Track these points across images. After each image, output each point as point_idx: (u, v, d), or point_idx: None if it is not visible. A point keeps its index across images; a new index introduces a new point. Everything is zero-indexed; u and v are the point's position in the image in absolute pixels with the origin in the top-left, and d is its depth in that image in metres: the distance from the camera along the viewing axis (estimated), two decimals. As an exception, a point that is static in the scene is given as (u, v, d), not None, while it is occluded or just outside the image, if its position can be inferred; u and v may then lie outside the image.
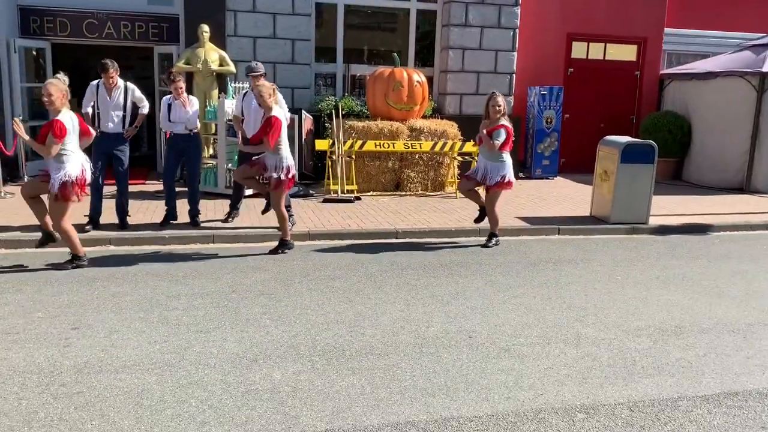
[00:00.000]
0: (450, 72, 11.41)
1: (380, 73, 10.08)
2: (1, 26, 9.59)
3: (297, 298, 5.28)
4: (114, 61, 7.16)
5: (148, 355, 4.10)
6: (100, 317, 4.72)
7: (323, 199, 9.20)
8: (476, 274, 6.20)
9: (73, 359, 4.00)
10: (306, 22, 10.79)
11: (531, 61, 12.17)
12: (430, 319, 4.91)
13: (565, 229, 8.09)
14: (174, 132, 7.47)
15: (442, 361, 4.15)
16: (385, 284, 5.76)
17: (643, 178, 8.24)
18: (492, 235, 7.39)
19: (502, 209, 8.93)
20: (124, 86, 7.22)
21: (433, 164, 10.09)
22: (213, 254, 6.59)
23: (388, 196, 9.72)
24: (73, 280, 5.57)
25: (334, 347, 4.31)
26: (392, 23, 12.24)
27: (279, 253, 6.63)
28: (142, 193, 9.36)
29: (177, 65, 9.78)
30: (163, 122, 7.50)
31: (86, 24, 10.21)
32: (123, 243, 6.85)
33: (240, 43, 10.52)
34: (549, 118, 11.90)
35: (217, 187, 9.13)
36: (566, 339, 4.60)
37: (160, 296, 5.22)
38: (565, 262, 6.75)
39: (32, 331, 4.42)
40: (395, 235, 7.57)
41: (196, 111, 7.45)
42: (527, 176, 12.02)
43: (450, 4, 11.22)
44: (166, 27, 10.55)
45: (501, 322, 4.88)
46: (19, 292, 5.20)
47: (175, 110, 7.35)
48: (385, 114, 10.04)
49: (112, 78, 7.07)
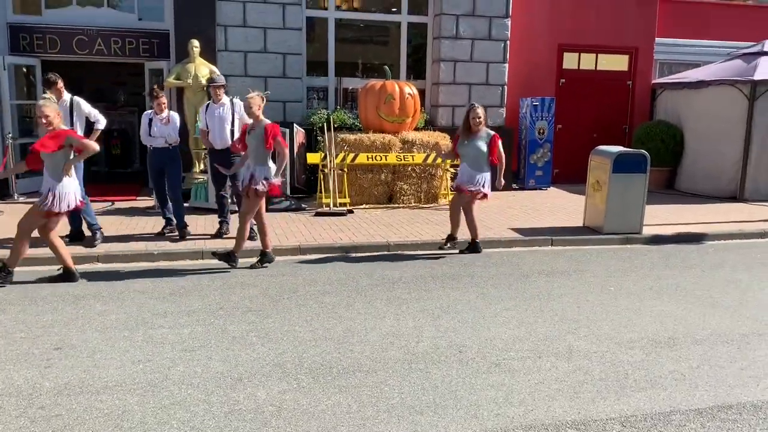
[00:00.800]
0: (442, 84, 11.40)
1: (372, 86, 10.06)
2: (-9, 44, 9.58)
3: (285, 315, 5.21)
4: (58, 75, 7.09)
5: (131, 375, 4.01)
6: (84, 336, 4.64)
7: (315, 213, 9.14)
8: (468, 286, 6.13)
9: (53, 381, 3.92)
10: (297, 36, 10.79)
11: (522, 72, 12.17)
12: (420, 333, 4.84)
13: (558, 240, 8.03)
14: (154, 146, 7.55)
15: (431, 377, 4.07)
16: (375, 299, 5.68)
17: (636, 187, 8.20)
18: (475, 242, 7.39)
19: (495, 220, 8.92)
20: (70, 99, 7.15)
21: (426, 176, 10.05)
22: (202, 270, 6.51)
23: (381, 209, 9.66)
24: (58, 298, 5.49)
25: (321, 365, 4.23)
26: (384, 36, 12.24)
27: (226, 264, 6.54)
28: (134, 209, 9.30)
29: (167, 80, 9.76)
30: (144, 137, 7.62)
31: (76, 41, 10.19)
32: (112, 260, 6.77)
33: (231, 58, 10.50)
34: (541, 129, 11.88)
35: (208, 202, 9.08)
36: (558, 352, 4.53)
37: (146, 314, 5.14)
38: (557, 273, 6.69)
39: (13, 352, 4.33)
40: (387, 248, 7.51)
41: (176, 126, 7.53)
42: (520, 187, 11.99)
43: (441, 17, 11.23)
44: (157, 42, 10.53)
45: (492, 336, 4.81)
46: (3, 312, 5.12)
47: (155, 125, 7.46)
48: (377, 127, 10.01)
49: (60, 92, 7.04)
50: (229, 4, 10.37)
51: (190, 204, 9.08)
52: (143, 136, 7.63)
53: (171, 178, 7.64)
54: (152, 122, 7.50)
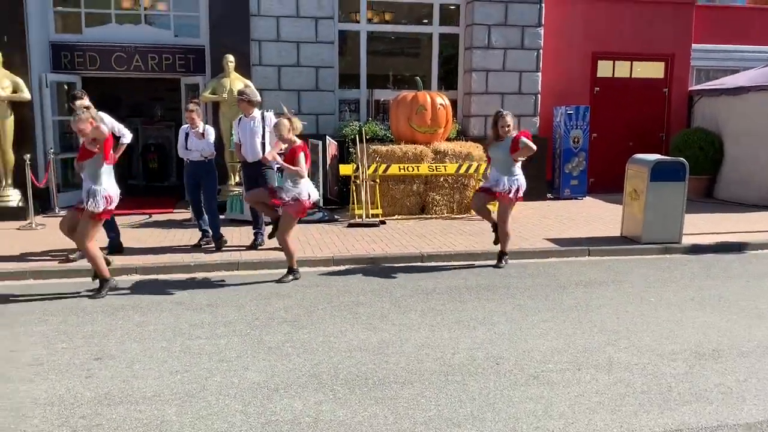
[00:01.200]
0: (474, 94, 11.36)
1: (403, 97, 10.07)
2: (35, 62, 9.85)
3: (320, 325, 5.21)
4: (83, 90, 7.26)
5: (169, 385, 4.05)
6: (123, 347, 4.70)
7: (348, 224, 9.16)
8: (504, 297, 6.05)
9: (94, 390, 3.97)
10: (329, 49, 10.88)
11: (556, 81, 12.06)
12: (456, 345, 4.78)
13: (595, 250, 7.89)
14: (190, 159, 7.69)
15: (468, 389, 4.02)
16: (410, 310, 5.65)
17: (675, 196, 8.02)
18: (503, 254, 7.27)
19: (530, 231, 8.82)
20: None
21: (459, 187, 9.99)
22: (237, 281, 6.57)
23: (413, 220, 9.64)
24: (98, 309, 5.58)
25: (356, 376, 4.21)
26: (415, 48, 12.28)
27: (289, 281, 6.53)
28: (170, 221, 9.45)
29: (203, 95, 9.92)
30: (180, 150, 7.79)
31: (115, 57, 10.43)
32: (150, 272, 6.87)
33: (265, 72, 10.63)
34: (576, 138, 11.75)
35: (243, 214, 9.16)
36: (598, 364, 4.43)
37: (183, 325, 5.20)
38: (595, 284, 6.57)
39: (55, 362, 4.41)
40: (421, 259, 7.47)
41: (211, 140, 7.66)
42: (555, 197, 11.85)
43: (472, 27, 11.21)
44: (193, 58, 10.72)
45: (530, 348, 4.74)
46: (45, 323, 5.23)
47: (191, 139, 7.60)
48: (409, 137, 10.01)
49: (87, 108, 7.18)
50: (264, 20, 10.51)
51: (226, 216, 9.19)
52: (180, 149, 7.78)
53: (207, 191, 7.76)
54: (188, 136, 7.64)
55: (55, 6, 10.32)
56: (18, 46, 9.57)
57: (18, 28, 9.56)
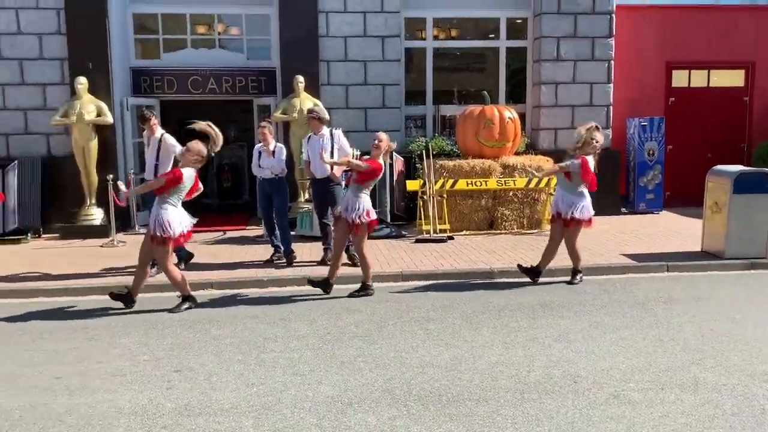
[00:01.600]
0: (543, 107, 11.20)
1: (470, 111, 10.03)
2: (117, 87, 10.38)
3: (391, 341, 5.20)
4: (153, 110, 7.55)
5: (246, 397, 4.12)
6: (201, 360, 4.83)
7: (415, 240, 9.14)
8: (579, 314, 5.88)
9: (174, 401, 4.09)
10: (396, 67, 10.98)
11: (628, 92, 11.75)
12: (531, 362, 4.67)
13: (674, 265, 7.58)
14: (262, 177, 7.92)
15: (545, 407, 3.91)
16: (481, 326, 5.57)
17: (760, 208, 7.63)
18: (576, 271, 7.07)
19: (605, 246, 8.56)
20: (161, 136, 7.49)
21: (529, 201, 9.83)
22: (308, 296, 6.65)
23: (482, 235, 9.53)
24: (177, 323, 5.76)
25: (430, 392, 4.17)
26: (480, 63, 12.24)
27: (359, 296, 6.57)
28: (244, 238, 9.69)
29: (274, 115, 10.18)
30: (254, 168, 8.05)
31: (191, 81, 10.87)
32: (225, 286, 7.06)
33: (333, 92, 10.82)
34: (651, 150, 11.37)
35: (312, 231, 9.29)
36: (682, 384, 4.23)
37: (257, 338, 5.30)
38: (676, 300, 6.30)
39: (137, 374, 4.57)
40: (491, 275, 7.37)
41: (282, 158, 7.85)
42: (630, 211, 11.48)
43: (540, 40, 11.08)
44: (265, 80, 11.03)
45: (608, 366, 4.57)
46: (128, 336, 5.43)
47: (263, 157, 7.82)
48: (477, 152, 9.94)
49: (152, 129, 7.47)
50: (332, 40, 10.73)
51: (296, 232, 9.35)
52: (253, 167, 8.04)
53: (278, 207, 7.93)
54: (261, 154, 7.85)
55: (136, 33, 10.87)
56: (102, 72, 10.11)
57: (103, 55, 10.10)
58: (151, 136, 7.49)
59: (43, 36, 10.16)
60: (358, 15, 10.74)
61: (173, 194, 6.02)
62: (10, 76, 10.18)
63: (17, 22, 10.09)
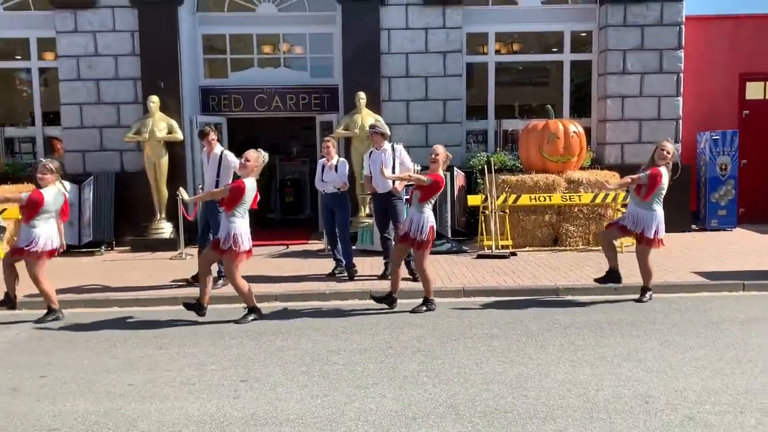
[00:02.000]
0: (609, 121, 10.95)
1: (534, 125, 9.91)
2: (187, 105, 10.76)
3: (454, 356, 5.15)
4: (213, 128, 7.73)
5: (310, 409, 4.15)
6: (266, 370, 4.90)
7: (477, 255, 9.05)
8: (649, 333, 5.68)
9: (241, 411, 4.16)
10: (457, 82, 10.97)
11: (699, 105, 11.35)
12: (600, 381, 4.53)
13: (751, 284, 7.23)
14: (325, 191, 8.00)
15: (615, 427, 3.78)
16: (547, 344, 5.45)
17: None
18: (645, 289, 6.83)
19: (675, 263, 8.27)
20: (221, 153, 7.60)
21: (595, 217, 9.60)
22: (370, 309, 6.67)
23: (546, 252, 9.35)
24: (243, 334, 5.88)
25: (495, 409, 4.09)
26: (543, 77, 12.10)
27: (423, 311, 6.53)
28: (306, 251, 9.83)
29: (336, 131, 10.32)
30: (317, 182, 8.17)
31: (257, 99, 11.16)
32: (289, 299, 7.16)
33: (394, 107, 10.89)
34: (723, 165, 10.93)
35: (373, 245, 9.33)
36: (763, 408, 4.01)
37: (321, 350, 5.34)
38: (754, 320, 6.00)
39: (206, 383, 4.68)
40: (556, 292, 7.21)
41: (344, 172, 7.93)
42: (701, 228, 11.05)
43: (606, 53, 10.87)
44: (327, 97, 11.22)
45: (681, 387, 4.39)
46: (196, 346, 5.57)
47: (326, 171, 7.93)
48: (540, 167, 9.79)
49: (211, 144, 7.58)
50: (394, 57, 10.82)
51: (357, 246, 9.41)
52: (316, 181, 8.18)
53: (340, 221, 8.02)
54: (324, 169, 7.97)
55: (205, 53, 11.27)
56: (173, 92, 10.51)
57: (174, 75, 10.51)
58: (210, 152, 7.62)
59: (118, 57, 10.65)
60: (420, 31, 10.81)
61: (239, 206, 6.16)
62: (87, 95, 10.70)
63: (95, 44, 10.62)
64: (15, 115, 11.91)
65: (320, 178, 8.05)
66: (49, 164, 6.38)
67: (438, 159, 6.55)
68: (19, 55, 11.37)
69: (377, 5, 10.68)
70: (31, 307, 6.86)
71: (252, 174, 6.27)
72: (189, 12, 10.85)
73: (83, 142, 10.78)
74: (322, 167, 8.04)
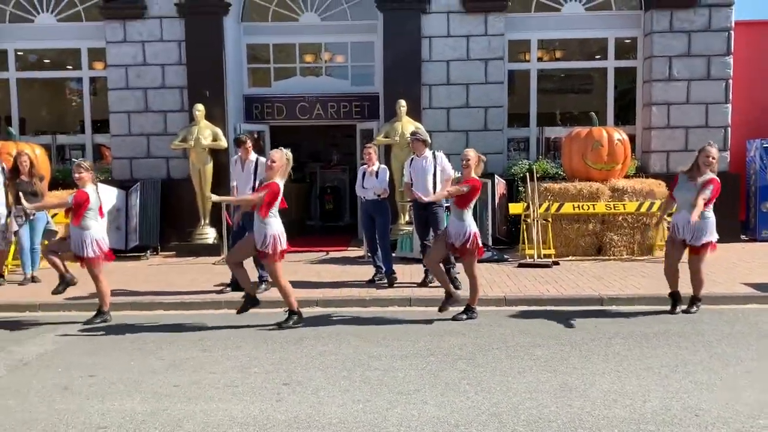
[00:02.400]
0: (654, 129, 10.75)
1: (577, 133, 9.79)
2: (231, 114, 10.97)
3: (496, 365, 5.09)
4: (251, 136, 7.82)
5: (353, 413, 4.16)
6: (308, 374, 4.93)
7: (518, 264, 8.96)
8: (697, 345, 5.53)
9: (284, 413, 4.19)
10: (499, 89, 10.92)
11: (749, 112, 11.07)
12: (647, 393, 4.43)
13: (805, 297, 6.99)
14: (365, 198, 8.04)
15: (664, 440, 3.69)
16: (591, 354, 5.35)
17: None
18: (695, 299, 6.64)
19: (724, 275, 8.04)
20: (256, 160, 7.66)
21: (640, 226, 9.41)
22: (410, 316, 6.66)
23: (589, 261, 9.20)
24: (284, 338, 5.93)
25: (539, 418, 4.04)
26: (586, 84, 11.96)
27: (464, 319, 6.48)
28: (345, 258, 9.88)
29: (377, 138, 10.36)
30: (357, 188, 8.23)
31: (299, 107, 11.31)
32: (329, 305, 7.20)
33: (434, 115, 10.90)
34: (775, 173, 10.62)
35: (413, 252, 9.33)
36: (822, 425, 3.86)
37: (362, 356, 5.35)
38: (809, 334, 5.79)
39: (249, 385, 4.73)
40: (600, 302, 7.08)
41: (384, 179, 7.96)
42: (751, 238, 10.75)
43: (651, 60, 10.68)
44: (368, 105, 11.30)
45: (733, 400, 4.25)
46: (239, 349, 5.65)
47: (367, 178, 8.00)
48: (583, 175, 9.66)
49: (248, 151, 7.65)
50: (434, 65, 10.84)
51: (397, 254, 9.41)
52: (357, 188, 8.24)
53: (380, 228, 8.04)
54: (365, 175, 8.03)
55: (249, 63, 11.48)
56: (218, 100, 10.73)
57: (219, 83, 10.74)
58: (245, 159, 7.69)
59: (165, 66, 10.93)
60: (462, 39, 10.81)
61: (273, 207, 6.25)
62: (135, 104, 11.00)
63: (143, 54, 10.92)
64: (66, 123, 12.33)
65: (361, 185, 8.10)
66: (84, 163, 6.52)
67: (470, 164, 6.47)
68: (71, 65, 11.78)
69: (419, 14, 10.73)
70: (79, 309, 7.07)
71: (279, 174, 6.24)
72: (234, 22, 11.07)
73: (131, 149, 11.07)
74: (363, 173, 8.09)
